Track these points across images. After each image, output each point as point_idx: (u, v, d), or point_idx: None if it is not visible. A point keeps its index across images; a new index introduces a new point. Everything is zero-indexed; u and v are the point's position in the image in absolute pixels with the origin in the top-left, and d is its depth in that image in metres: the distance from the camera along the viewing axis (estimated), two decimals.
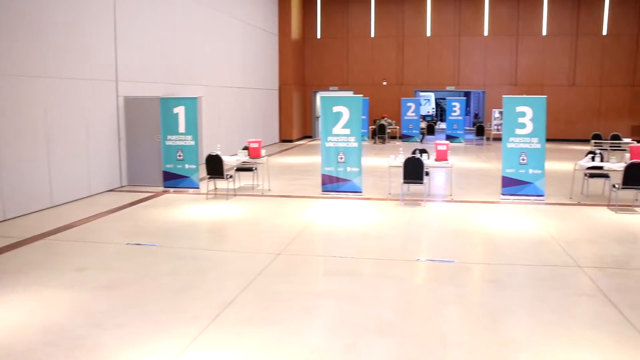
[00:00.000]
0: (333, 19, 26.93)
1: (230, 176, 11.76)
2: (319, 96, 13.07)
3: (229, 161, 12.16)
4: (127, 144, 12.87)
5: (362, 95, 13.27)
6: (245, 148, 12.54)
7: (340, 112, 11.65)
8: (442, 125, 29.82)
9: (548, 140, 12.10)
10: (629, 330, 5.25)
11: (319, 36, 27.04)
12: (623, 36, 25.57)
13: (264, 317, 5.52)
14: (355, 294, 6.19)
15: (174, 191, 12.31)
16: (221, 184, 12.14)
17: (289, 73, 24.96)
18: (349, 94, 23.07)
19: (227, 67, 19.00)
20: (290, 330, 5.21)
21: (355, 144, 11.67)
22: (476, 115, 33.07)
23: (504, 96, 11.54)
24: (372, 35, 26.84)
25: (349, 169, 11.73)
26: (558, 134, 25.44)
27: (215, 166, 11.50)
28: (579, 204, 11.19)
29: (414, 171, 10.79)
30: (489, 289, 6.48)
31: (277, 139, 24.77)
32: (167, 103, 12.37)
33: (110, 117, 12.37)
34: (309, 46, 27.13)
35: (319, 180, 12.11)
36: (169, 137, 12.38)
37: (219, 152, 11.60)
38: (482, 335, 5.14)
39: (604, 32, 25.69)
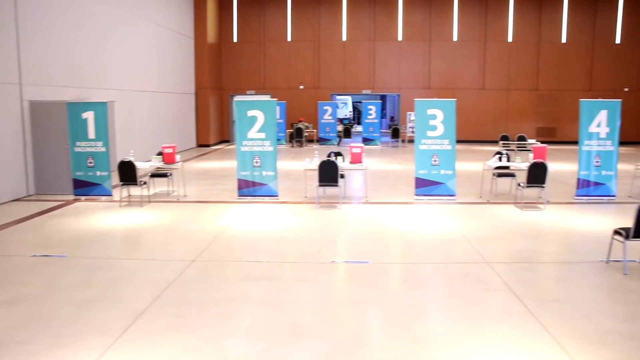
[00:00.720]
0: (250, 22, 26.82)
1: (144, 183, 11.50)
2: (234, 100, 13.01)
3: (143, 167, 11.88)
4: (34, 150, 12.29)
5: (277, 99, 13.30)
6: (160, 154, 12.30)
7: (255, 116, 11.61)
8: (359, 128, 30.29)
9: (459, 141, 12.55)
10: (530, 321, 5.52)
11: (235, 39, 26.86)
12: (526, 43, 26.91)
13: (178, 325, 5.43)
14: (270, 298, 6.19)
15: (85, 199, 11.89)
16: (135, 190, 11.84)
17: (206, 77, 24.65)
18: (267, 97, 23.07)
19: (140, 70, 18.56)
20: (205, 337, 5.15)
21: (271, 148, 11.66)
22: (392, 118, 33.79)
23: (415, 99, 11.86)
24: (289, 39, 26.93)
25: (264, 173, 11.72)
26: (469, 135, 26.41)
27: (128, 173, 11.20)
28: (488, 203, 11.66)
29: (329, 174, 10.91)
30: (402, 288, 6.64)
31: (194, 144, 24.41)
32: (75, 108, 11.94)
33: (13, 122, 11.79)
34: (225, 50, 26.90)
35: (235, 185, 12.02)
36: (78, 143, 11.95)
37: (132, 158, 11.31)
38: (395, 333, 5.27)
39: (510, 39, 26.91)
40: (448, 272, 7.18)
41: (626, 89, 27.42)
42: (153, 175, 12.55)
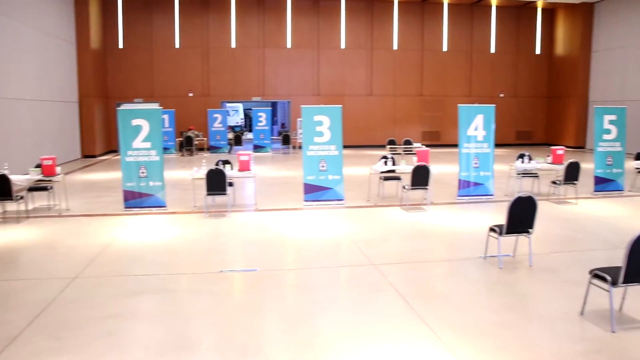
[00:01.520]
0: (136, 28, 26.03)
1: (21, 197, 10.87)
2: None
3: (19, 181, 11.23)
4: None
5: (163, 108, 12.98)
6: (38, 166, 11.67)
7: (139, 125, 11.27)
8: (250, 135, 30.23)
9: (349, 147, 12.85)
10: (414, 318, 5.72)
11: (121, 45, 25.97)
12: (410, 51, 28.05)
13: (56, 348, 5.15)
14: (157, 312, 6.02)
15: None
16: (11, 206, 11.17)
17: (90, 84, 23.57)
18: (155, 106, 22.49)
19: (16, 77, 17.48)
20: (85, 357, 4.94)
21: (157, 158, 11.36)
22: (283, 125, 34.01)
23: (302, 106, 12.00)
24: (177, 45, 26.44)
25: (151, 183, 11.41)
26: (358, 140, 27.10)
27: (2, 187, 10.55)
28: (375, 206, 11.98)
29: (217, 182, 10.80)
30: (291, 294, 6.68)
31: (78, 155, 23.33)
32: None
33: None
34: (110, 56, 25.92)
35: (121, 197, 11.62)
36: None
37: (6, 172, 10.65)
38: (282, 340, 5.28)
39: (395, 47, 27.89)
40: (335, 276, 7.31)
41: (502, 95, 29.19)
42: (31, 189, 11.88)
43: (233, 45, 26.80)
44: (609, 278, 5.44)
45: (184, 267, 7.85)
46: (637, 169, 14.49)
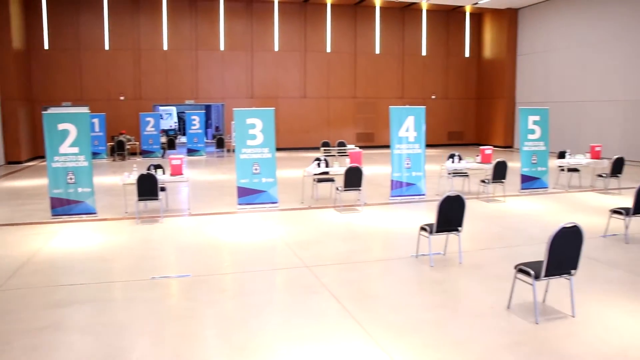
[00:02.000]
0: (62, 29, 25.17)
1: None
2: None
3: None
4: None
5: (90, 111, 12.63)
6: None
7: (66, 130, 10.93)
8: (184, 139, 29.81)
9: (283, 149, 12.82)
10: (347, 319, 5.76)
11: (46, 47, 25.07)
12: (344, 54, 28.34)
13: None
14: (86, 323, 5.82)
15: None
16: None
17: (13, 87, 22.60)
18: (84, 109, 21.83)
19: None
20: None
21: (86, 163, 11.00)
22: (217, 128, 33.71)
23: (234, 109, 11.90)
24: (107, 47, 25.76)
25: (80, 189, 11.04)
26: (293, 143, 27.17)
27: None
28: (309, 208, 12.02)
29: (148, 187, 10.57)
30: (223, 299, 6.60)
31: (2, 161, 22.40)
32: None
33: None
34: (35, 58, 24.95)
35: (49, 204, 11.21)
36: None
37: None
38: (216, 346, 5.22)
39: (328, 50, 28.10)
40: (269, 279, 7.29)
41: (433, 97, 29.87)
42: None
43: (165, 47, 26.36)
44: (532, 272, 5.63)
45: (115, 275, 7.65)
46: (560, 167, 15.10)
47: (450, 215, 7.52)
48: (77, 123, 11.03)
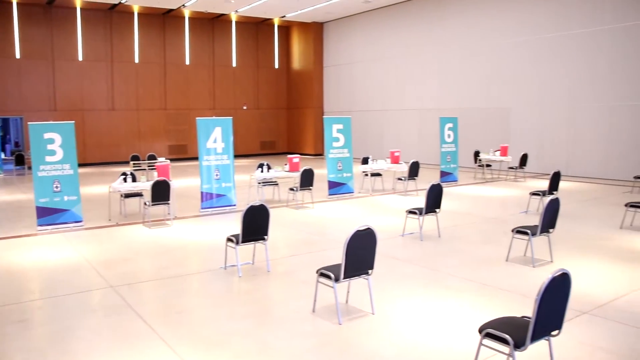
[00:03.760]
0: None
1: None
2: None
3: None
4: None
5: None
6: None
7: None
8: None
9: (93, 164, 12.12)
10: (153, 338, 5.58)
11: None
12: (153, 64, 27.61)
13: None
14: None
15: None
16: None
17: None
18: None
19: None
20: None
21: None
22: (16, 144, 31.06)
23: (29, 123, 11.06)
24: None
25: None
26: (103, 157, 25.93)
27: None
28: (117, 225, 11.51)
29: None
30: (17, 331, 6.07)
31: None
32: None
33: None
34: None
35: None
36: None
37: None
38: None
39: (137, 60, 27.19)
40: (71, 304, 6.83)
41: (245, 107, 30.21)
42: None
43: None
44: (332, 275, 5.90)
45: None
46: (364, 172, 16.03)
47: (256, 224, 7.63)
48: None
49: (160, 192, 11.11)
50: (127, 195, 12.29)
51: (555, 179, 12.26)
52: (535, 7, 20.04)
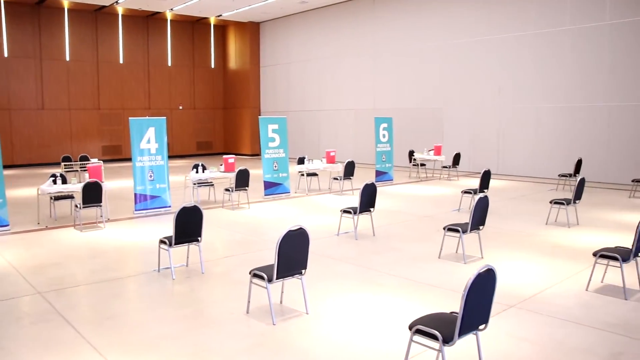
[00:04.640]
0: None
1: None
2: None
3: None
4: None
5: None
6: None
7: None
8: None
9: (22, 165, 11.70)
10: (81, 344, 5.46)
11: None
12: (85, 62, 26.83)
13: None
14: None
15: None
16: None
17: None
18: None
19: None
20: None
21: None
22: None
23: None
24: None
25: None
26: (32, 158, 25.06)
27: None
28: (47, 228, 11.16)
29: None
30: None
31: None
32: None
33: None
34: None
35: None
36: None
37: None
38: None
39: (68, 58, 26.37)
40: None
41: (181, 107, 29.80)
42: None
43: None
44: (265, 276, 5.92)
45: None
46: (300, 172, 16.09)
47: (189, 226, 7.58)
48: None
49: (92, 194, 10.83)
50: (57, 198, 11.94)
51: (485, 178, 12.64)
52: (466, 9, 20.61)
